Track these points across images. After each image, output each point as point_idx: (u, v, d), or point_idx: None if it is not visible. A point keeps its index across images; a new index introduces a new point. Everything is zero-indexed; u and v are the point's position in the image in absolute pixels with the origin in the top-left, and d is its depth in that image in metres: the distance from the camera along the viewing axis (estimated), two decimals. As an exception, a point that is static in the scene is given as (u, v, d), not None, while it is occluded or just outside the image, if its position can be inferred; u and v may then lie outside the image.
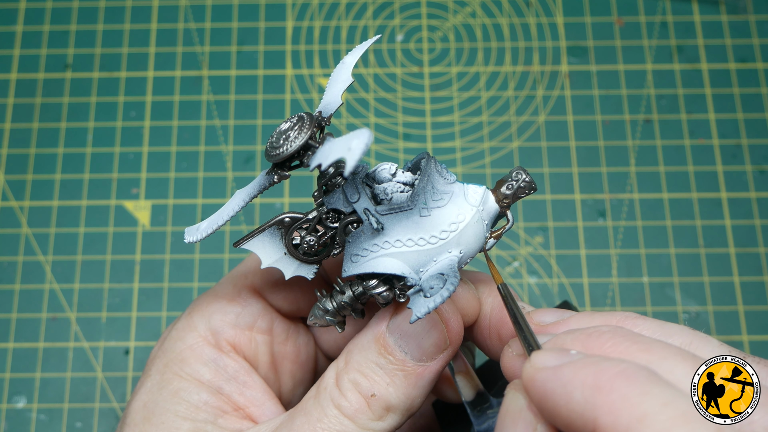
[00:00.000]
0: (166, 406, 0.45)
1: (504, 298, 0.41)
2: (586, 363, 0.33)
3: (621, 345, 0.35)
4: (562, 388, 0.33)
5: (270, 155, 0.42)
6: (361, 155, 0.34)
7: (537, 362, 0.35)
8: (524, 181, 0.42)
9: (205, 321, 0.48)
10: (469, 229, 0.41)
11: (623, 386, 0.31)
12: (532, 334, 0.39)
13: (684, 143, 0.75)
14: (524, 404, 0.36)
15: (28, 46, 0.79)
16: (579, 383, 0.32)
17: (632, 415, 0.30)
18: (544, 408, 0.34)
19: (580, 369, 0.33)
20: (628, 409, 0.31)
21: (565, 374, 0.33)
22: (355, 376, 0.42)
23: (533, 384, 0.35)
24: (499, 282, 0.42)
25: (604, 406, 0.31)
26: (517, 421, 0.36)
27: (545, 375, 0.34)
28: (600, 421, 0.31)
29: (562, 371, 0.33)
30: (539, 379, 0.34)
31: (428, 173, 0.41)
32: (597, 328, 0.37)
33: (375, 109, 0.77)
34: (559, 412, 0.33)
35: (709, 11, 0.80)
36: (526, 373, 0.35)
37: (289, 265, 0.44)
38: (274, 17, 0.81)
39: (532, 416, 0.35)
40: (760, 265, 0.71)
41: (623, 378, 0.32)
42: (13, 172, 0.75)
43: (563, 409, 0.33)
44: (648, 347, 0.34)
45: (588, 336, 0.36)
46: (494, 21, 0.80)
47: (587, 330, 0.37)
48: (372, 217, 0.41)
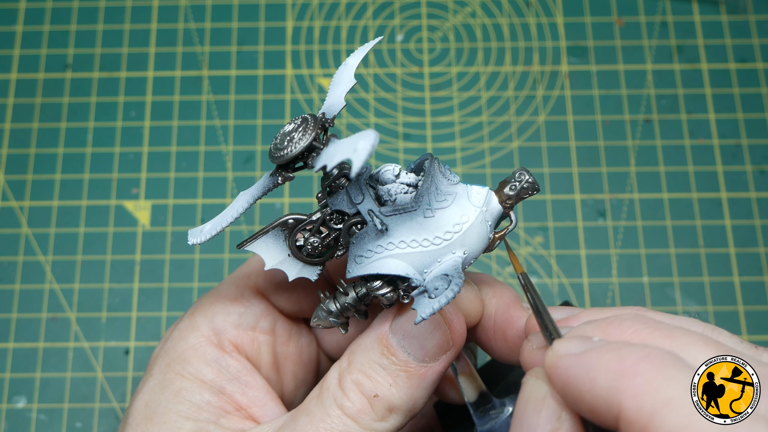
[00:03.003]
0: (169, 405, 0.45)
1: (524, 287, 0.41)
2: (610, 348, 0.33)
3: (643, 331, 0.35)
4: (586, 374, 0.33)
5: (274, 157, 0.42)
6: (367, 156, 0.34)
7: (560, 349, 0.35)
8: (527, 181, 0.43)
9: (208, 321, 0.48)
10: (473, 230, 0.41)
11: (647, 370, 0.31)
12: (554, 323, 0.39)
13: (684, 143, 0.75)
14: (548, 391, 0.36)
15: (28, 46, 0.79)
16: (603, 368, 0.32)
17: (657, 399, 0.30)
18: (568, 395, 0.34)
19: (604, 354, 0.33)
20: (653, 393, 0.31)
21: (589, 360, 0.33)
22: (358, 376, 0.42)
23: (556, 371, 0.34)
24: (520, 271, 0.42)
25: (629, 390, 0.31)
26: (540, 409, 0.35)
27: (568, 361, 0.34)
28: (624, 405, 0.31)
29: (586, 357, 0.33)
30: (562, 366, 0.34)
31: (432, 174, 0.41)
32: (617, 316, 0.37)
33: (375, 109, 0.77)
34: (583, 398, 0.33)
35: (709, 11, 0.80)
36: (548, 361, 0.35)
37: (292, 267, 0.44)
38: (274, 17, 0.81)
39: (555, 404, 0.35)
40: (760, 265, 0.71)
41: (647, 362, 0.32)
42: (13, 172, 0.75)
43: (587, 395, 0.33)
44: (670, 333, 0.34)
45: (609, 324, 0.36)
46: (494, 21, 0.80)
47: (608, 318, 0.37)
48: (376, 219, 0.41)
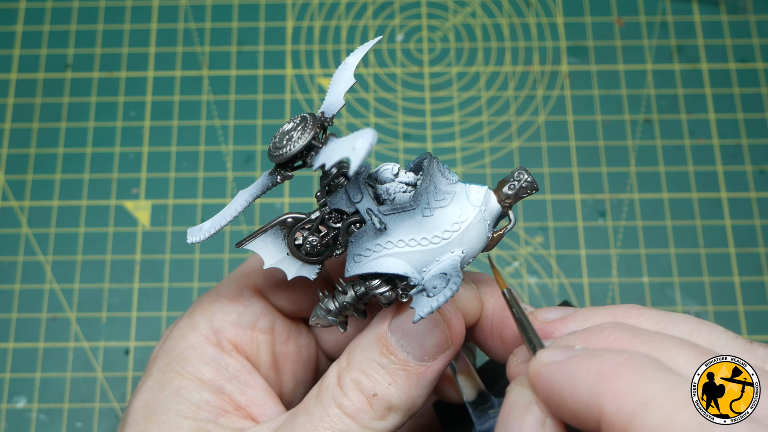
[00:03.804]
0: (168, 405, 0.45)
1: (508, 302, 0.41)
2: (591, 354, 0.34)
3: (623, 339, 0.35)
4: (568, 380, 0.33)
5: (273, 155, 0.42)
6: (365, 155, 0.34)
7: (543, 358, 0.36)
8: (526, 181, 0.43)
9: (207, 320, 0.48)
10: (472, 229, 0.41)
11: (627, 374, 0.32)
12: (537, 336, 0.39)
13: (684, 143, 0.75)
14: (532, 398, 0.36)
15: (28, 46, 0.79)
16: (584, 374, 0.33)
17: (636, 400, 0.31)
18: (551, 401, 0.35)
19: (585, 360, 0.33)
20: (632, 394, 0.31)
21: (570, 366, 0.34)
22: (356, 375, 0.42)
23: (539, 378, 0.35)
24: (504, 287, 0.42)
25: (609, 393, 0.32)
26: (524, 416, 0.36)
27: (551, 369, 0.35)
28: (605, 408, 0.32)
29: (567, 364, 0.34)
30: (545, 374, 0.35)
31: (431, 173, 0.41)
32: (598, 326, 0.37)
33: (375, 109, 0.77)
34: (565, 404, 0.34)
35: (709, 11, 0.80)
36: (532, 370, 0.36)
37: (291, 266, 0.44)
38: (274, 17, 0.81)
39: (540, 411, 0.36)
40: (760, 265, 0.71)
41: (627, 366, 0.32)
42: (13, 172, 0.75)
43: (570, 400, 0.33)
44: (649, 339, 0.35)
45: (590, 333, 0.37)
46: (494, 21, 0.80)
47: (589, 328, 0.37)
48: (375, 217, 0.41)
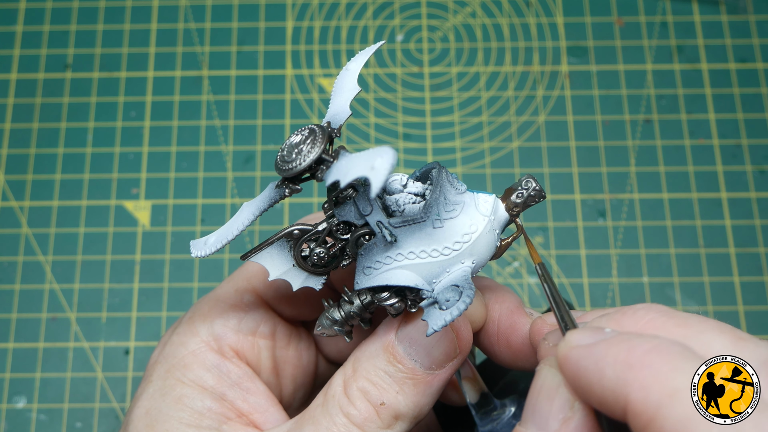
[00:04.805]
0: (170, 412, 0.45)
1: (541, 277, 0.41)
2: (619, 340, 0.33)
3: (657, 321, 0.35)
4: (595, 366, 0.33)
5: (282, 169, 0.41)
6: (387, 176, 0.33)
7: (571, 340, 0.35)
8: (534, 189, 0.42)
9: (208, 326, 0.47)
10: (482, 239, 0.41)
11: (655, 362, 0.31)
12: (569, 313, 0.39)
13: (684, 143, 0.75)
14: (561, 380, 0.36)
15: (28, 46, 0.79)
16: (611, 360, 0.32)
17: (663, 390, 0.30)
18: (578, 386, 0.34)
19: (613, 346, 0.33)
20: (659, 384, 0.31)
21: (598, 352, 0.33)
22: (363, 384, 0.42)
23: (567, 362, 0.35)
24: (537, 261, 0.42)
25: (636, 383, 0.31)
26: (553, 398, 0.35)
27: (579, 353, 0.34)
28: (631, 397, 0.31)
29: (595, 349, 0.33)
30: (573, 357, 0.34)
31: (441, 184, 0.41)
32: (631, 307, 0.37)
33: (375, 109, 0.77)
34: (592, 390, 0.33)
35: (709, 11, 0.80)
36: (560, 351, 0.35)
37: (296, 277, 0.44)
38: (274, 17, 0.81)
39: (569, 394, 0.35)
40: (760, 265, 0.71)
41: (655, 354, 0.32)
42: (13, 172, 0.75)
43: (596, 387, 0.33)
44: (684, 321, 0.34)
45: (623, 314, 0.36)
46: (494, 21, 0.80)
47: (622, 308, 0.37)
48: (386, 230, 0.40)
